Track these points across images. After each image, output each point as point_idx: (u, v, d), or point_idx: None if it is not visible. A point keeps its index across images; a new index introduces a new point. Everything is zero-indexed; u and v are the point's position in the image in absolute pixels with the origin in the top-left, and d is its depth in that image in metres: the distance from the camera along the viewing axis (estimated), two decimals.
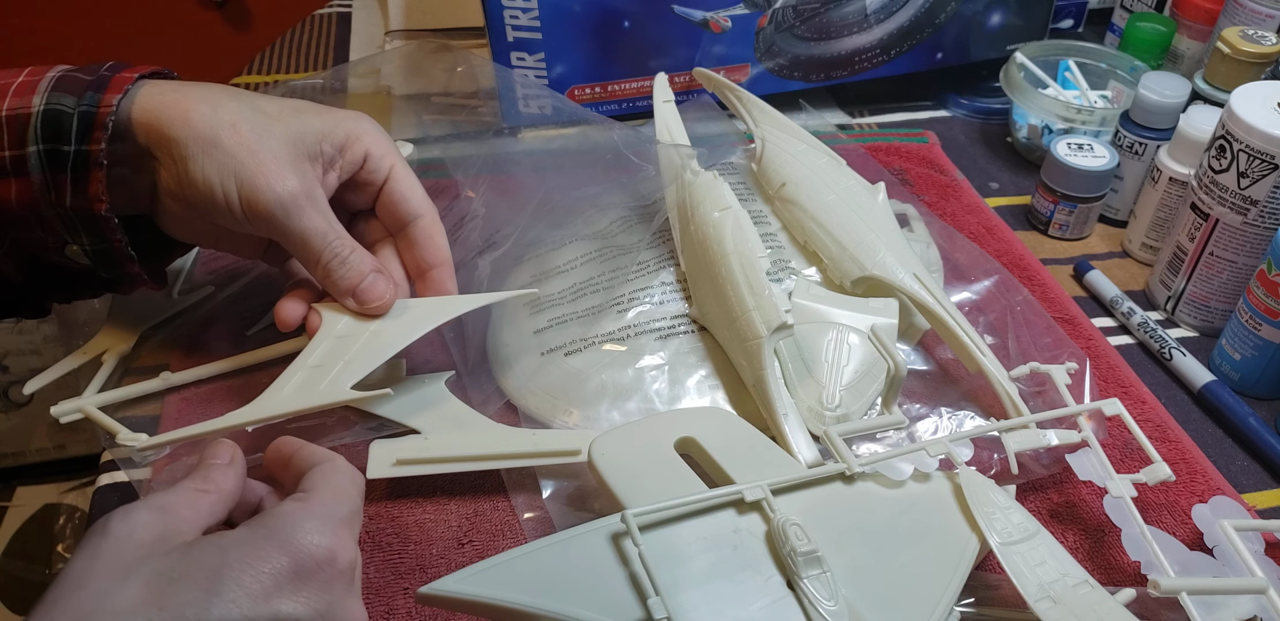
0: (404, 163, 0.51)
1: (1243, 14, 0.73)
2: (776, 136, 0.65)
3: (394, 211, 0.51)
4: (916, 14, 0.77)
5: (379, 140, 0.50)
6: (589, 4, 0.71)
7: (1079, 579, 0.41)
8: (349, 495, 0.38)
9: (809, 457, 0.46)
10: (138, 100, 0.45)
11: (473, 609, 0.36)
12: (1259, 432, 0.54)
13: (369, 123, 0.50)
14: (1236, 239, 0.57)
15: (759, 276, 0.51)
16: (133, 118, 0.44)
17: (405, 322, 0.50)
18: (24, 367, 1.23)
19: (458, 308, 0.51)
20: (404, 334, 0.49)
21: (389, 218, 0.52)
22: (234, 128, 0.45)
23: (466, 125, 0.73)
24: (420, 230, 0.51)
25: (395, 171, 0.51)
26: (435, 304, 0.51)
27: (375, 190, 0.51)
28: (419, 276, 0.52)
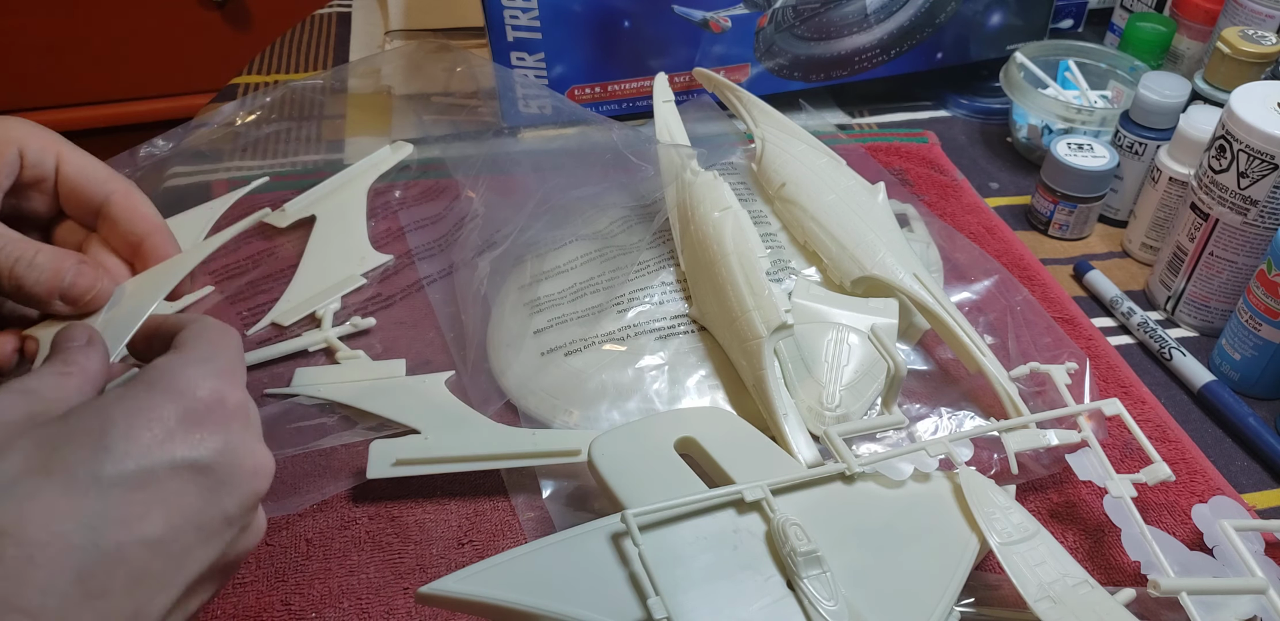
0: (74, 148, 0.44)
1: (1243, 14, 0.73)
2: (776, 136, 0.65)
3: (81, 199, 0.44)
4: (916, 14, 0.77)
5: (33, 134, 0.43)
6: (589, 4, 0.71)
7: (1079, 579, 0.41)
8: (225, 344, 0.36)
9: (809, 457, 0.46)
10: None
11: (473, 609, 0.36)
12: (1259, 432, 0.54)
13: (15, 122, 0.43)
14: (1236, 239, 0.57)
15: (759, 276, 0.51)
16: None
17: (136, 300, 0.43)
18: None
19: (188, 262, 0.45)
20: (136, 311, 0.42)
21: (79, 209, 0.44)
22: None
23: (466, 125, 0.73)
24: (115, 206, 0.43)
25: (63, 157, 0.43)
26: (163, 268, 0.44)
27: (51, 186, 0.43)
28: (135, 254, 0.44)
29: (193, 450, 0.32)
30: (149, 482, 0.30)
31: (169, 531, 0.31)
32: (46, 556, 0.28)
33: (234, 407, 0.34)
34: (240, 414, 0.34)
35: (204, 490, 0.32)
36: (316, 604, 0.45)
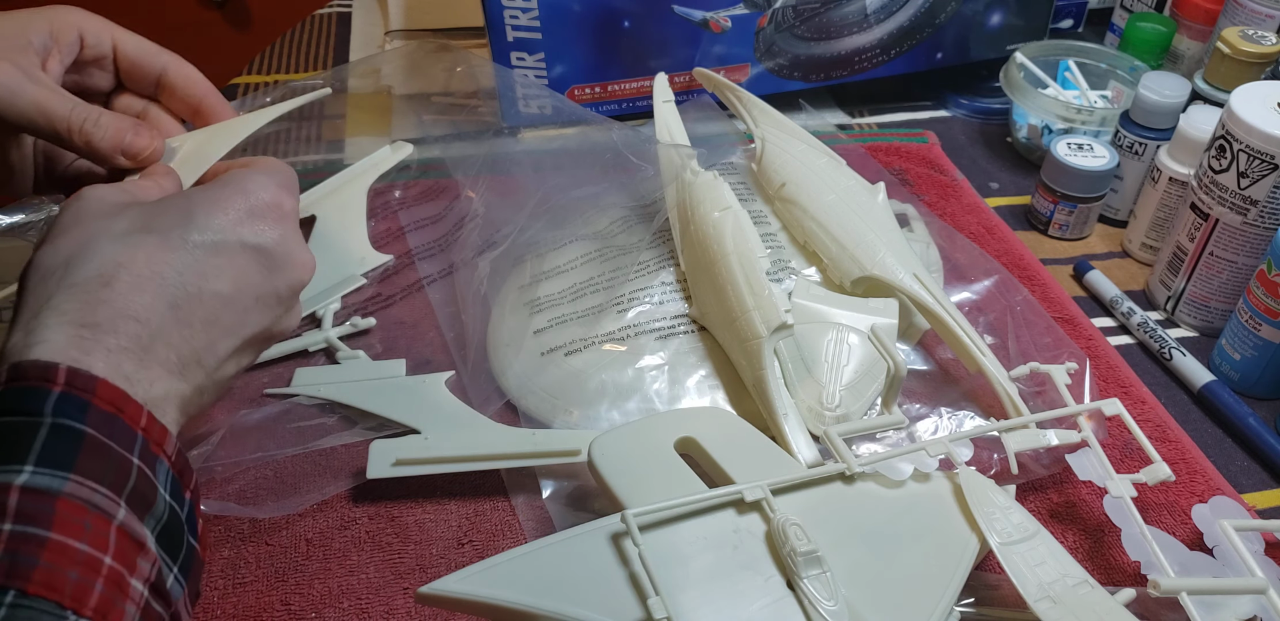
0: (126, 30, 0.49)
1: (1243, 14, 0.73)
2: (776, 136, 0.65)
3: (140, 71, 0.49)
4: (916, 14, 0.77)
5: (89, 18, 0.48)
6: (589, 4, 0.71)
7: (1079, 579, 0.41)
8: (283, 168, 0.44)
9: (809, 457, 0.46)
10: None
11: (473, 609, 0.36)
12: (1259, 432, 0.54)
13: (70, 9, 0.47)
14: (1236, 239, 0.57)
15: (759, 276, 0.51)
16: None
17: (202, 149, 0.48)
18: None
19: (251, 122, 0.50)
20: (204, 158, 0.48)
21: (139, 80, 0.50)
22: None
23: (466, 125, 0.73)
24: (172, 74, 0.49)
25: (119, 36, 0.48)
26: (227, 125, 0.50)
27: (110, 62, 0.49)
28: (195, 114, 0.50)
29: (256, 236, 0.40)
30: (222, 252, 0.39)
31: (235, 292, 0.39)
32: (150, 285, 0.37)
33: (289, 211, 0.42)
34: (293, 218, 0.42)
35: (263, 268, 0.40)
36: (316, 604, 0.45)
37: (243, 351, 0.41)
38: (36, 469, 0.31)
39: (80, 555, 0.30)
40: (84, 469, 0.32)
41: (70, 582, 0.29)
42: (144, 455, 0.34)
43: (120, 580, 0.31)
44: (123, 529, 0.32)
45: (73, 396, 0.33)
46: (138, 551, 0.32)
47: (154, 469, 0.34)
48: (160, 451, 0.35)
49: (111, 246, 0.37)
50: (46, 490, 0.31)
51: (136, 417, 0.34)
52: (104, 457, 0.32)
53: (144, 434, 0.34)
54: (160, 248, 0.38)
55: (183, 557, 0.35)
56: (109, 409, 0.33)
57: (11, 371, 0.33)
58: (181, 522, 0.35)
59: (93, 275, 0.36)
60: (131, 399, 0.34)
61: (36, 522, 0.30)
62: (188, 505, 0.36)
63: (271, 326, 0.42)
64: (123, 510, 0.32)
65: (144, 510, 0.33)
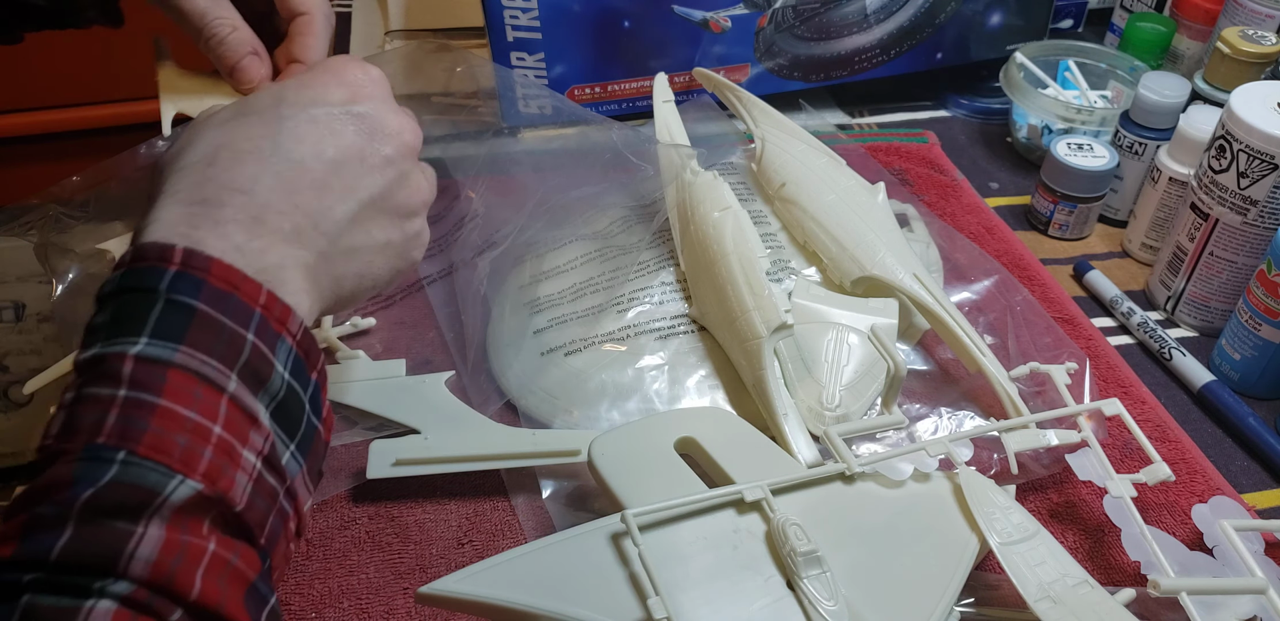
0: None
1: (1243, 14, 0.73)
2: (776, 136, 0.65)
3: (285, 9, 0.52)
4: (916, 14, 0.77)
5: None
6: (589, 4, 0.71)
7: (1079, 579, 0.41)
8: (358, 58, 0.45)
9: (809, 457, 0.46)
10: None
11: (473, 609, 0.36)
12: (1259, 432, 0.54)
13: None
14: (1236, 239, 0.57)
15: (759, 276, 0.51)
16: None
17: None
18: (24, 367, 1.23)
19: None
20: None
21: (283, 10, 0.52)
22: None
23: (466, 125, 0.73)
24: (299, 24, 0.51)
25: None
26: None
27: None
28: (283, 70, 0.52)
29: (348, 104, 0.41)
30: (317, 120, 0.40)
31: (339, 154, 0.40)
32: (251, 158, 0.38)
33: (378, 80, 0.43)
34: (383, 85, 0.43)
35: (361, 132, 0.41)
36: (316, 604, 0.45)
37: (368, 218, 0.41)
38: (150, 340, 0.32)
39: (189, 422, 0.31)
40: (194, 341, 0.33)
41: (179, 447, 0.31)
42: (261, 331, 0.35)
43: (230, 449, 0.32)
44: (233, 401, 0.33)
45: (187, 275, 0.34)
46: (250, 424, 0.33)
47: (273, 346, 0.35)
48: (283, 329, 0.35)
49: (212, 132, 0.39)
50: (158, 359, 0.32)
51: (254, 295, 0.35)
52: (215, 332, 0.33)
53: (263, 310, 0.35)
54: (257, 124, 0.39)
55: (301, 435, 0.36)
56: (223, 286, 0.34)
57: (135, 252, 0.35)
58: (303, 401, 0.36)
59: (198, 158, 0.38)
60: (249, 277, 0.35)
61: (147, 389, 0.31)
62: (312, 385, 0.37)
63: (390, 190, 0.41)
64: (233, 382, 0.33)
65: (257, 385, 0.34)
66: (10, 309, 0.70)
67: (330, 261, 0.39)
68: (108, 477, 0.29)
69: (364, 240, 0.41)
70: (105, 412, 0.31)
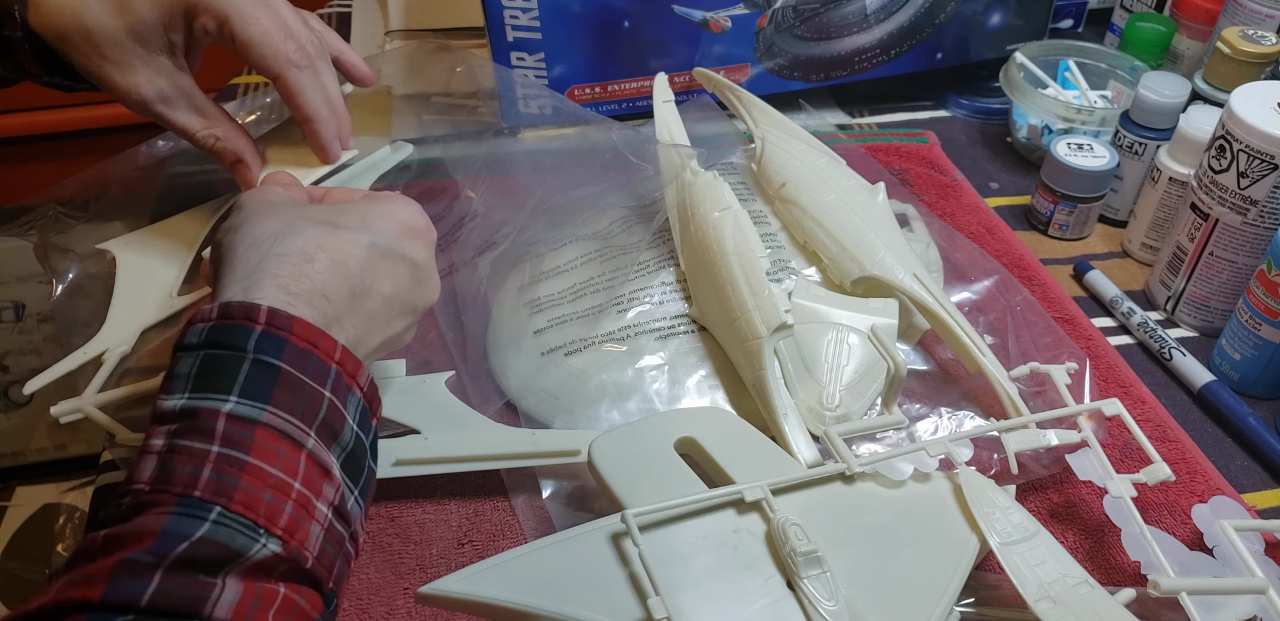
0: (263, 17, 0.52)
1: (1243, 14, 0.73)
2: (776, 136, 0.65)
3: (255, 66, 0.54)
4: (916, 14, 0.77)
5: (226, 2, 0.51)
6: (589, 4, 0.71)
7: (1079, 579, 0.41)
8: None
9: (809, 457, 0.46)
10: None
11: (473, 609, 0.36)
12: (1259, 432, 0.54)
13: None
14: (1236, 239, 0.57)
15: (759, 276, 0.51)
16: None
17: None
18: (24, 367, 1.23)
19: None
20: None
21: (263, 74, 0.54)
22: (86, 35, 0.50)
23: (466, 125, 0.73)
24: (280, 87, 0.54)
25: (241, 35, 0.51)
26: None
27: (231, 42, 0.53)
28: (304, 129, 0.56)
29: (414, 252, 0.44)
30: (389, 257, 0.43)
31: (392, 295, 0.43)
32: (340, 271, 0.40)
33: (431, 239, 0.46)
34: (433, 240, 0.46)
35: (413, 280, 0.44)
36: None
37: (378, 351, 0.44)
38: (240, 399, 0.35)
39: (273, 479, 0.34)
40: (279, 401, 0.35)
41: (264, 503, 0.33)
42: (336, 387, 0.37)
43: (307, 503, 0.34)
44: (311, 456, 0.35)
45: (272, 335, 0.36)
46: (324, 477, 0.36)
47: (345, 400, 0.38)
48: (354, 383, 0.38)
49: (313, 229, 0.41)
50: (248, 418, 0.34)
51: (331, 352, 0.38)
52: (297, 391, 0.36)
53: (338, 367, 0.38)
54: (347, 241, 0.41)
55: (363, 481, 0.38)
56: (304, 345, 0.37)
57: (221, 309, 0.37)
58: (366, 448, 0.39)
59: (297, 250, 0.40)
60: (326, 335, 0.38)
61: (239, 447, 0.34)
62: (372, 432, 0.40)
63: (400, 335, 0.45)
64: (312, 439, 0.36)
65: (331, 439, 0.37)
66: (10, 309, 0.69)
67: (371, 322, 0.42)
68: (200, 533, 0.31)
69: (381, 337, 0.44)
70: (200, 467, 0.33)
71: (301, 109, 0.54)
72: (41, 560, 1.27)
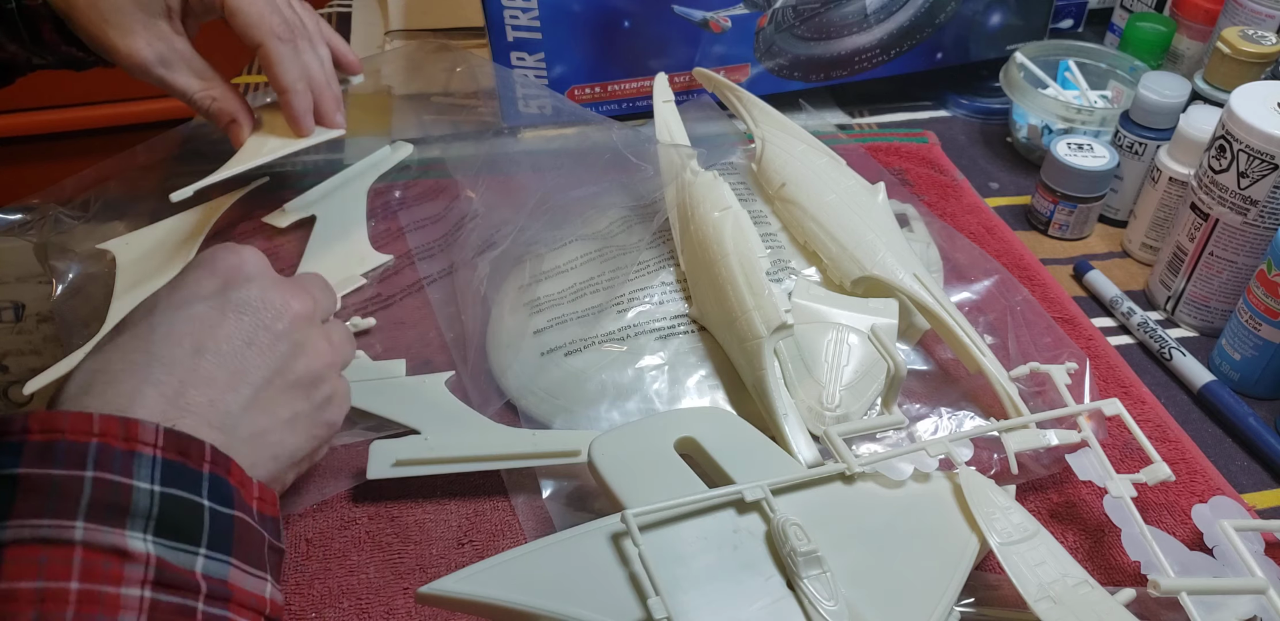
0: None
1: (1243, 14, 0.73)
2: (776, 136, 0.65)
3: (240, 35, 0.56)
4: (916, 14, 0.77)
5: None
6: (589, 4, 0.71)
7: (1079, 579, 0.41)
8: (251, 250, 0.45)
9: (809, 457, 0.46)
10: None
11: (473, 609, 0.36)
12: (1259, 432, 0.54)
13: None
14: (1236, 239, 0.57)
15: (759, 276, 0.51)
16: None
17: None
18: (24, 367, 1.23)
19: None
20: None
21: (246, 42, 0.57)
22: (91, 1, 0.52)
23: (466, 125, 0.73)
24: (261, 57, 0.56)
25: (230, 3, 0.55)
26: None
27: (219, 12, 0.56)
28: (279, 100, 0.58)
29: (222, 293, 0.41)
30: (193, 318, 0.40)
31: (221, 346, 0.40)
32: (125, 376, 0.37)
33: (253, 261, 0.43)
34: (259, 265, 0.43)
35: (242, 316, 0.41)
36: (316, 604, 0.45)
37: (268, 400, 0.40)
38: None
39: (37, 593, 0.30)
40: (21, 511, 0.31)
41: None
42: (102, 461, 0.33)
43: (96, 598, 0.31)
44: (87, 547, 0.32)
45: (4, 444, 0.33)
46: (119, 560, 0.32)
47: (126, 467, 0.34)
48: (135, 444, 0.34)
49: (89, 361, 0.38)
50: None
51: (84, 428, 0.34)
52: (42, 490, 0.32)
53: (100, 439, 0.34)
54: (131, 340, 0.39)
55: (210, 535, 0.35)
56: (44, 438, 0.33)
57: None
58: (198, 503, 0.35)
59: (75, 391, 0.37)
60: (74, 413, 0.34)
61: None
62: (205, 479, 0.36)
63: (284, 367, 0.41)
64: (79, 530, 0.32)
65: (118, 515, 0.33)
66: (10, 309, 0.70)
67: (231, 451, 0.38)
68: None
69: (266, 421, 0.40)
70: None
71: (277, 80, 0.56)
72: None
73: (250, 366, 0.40)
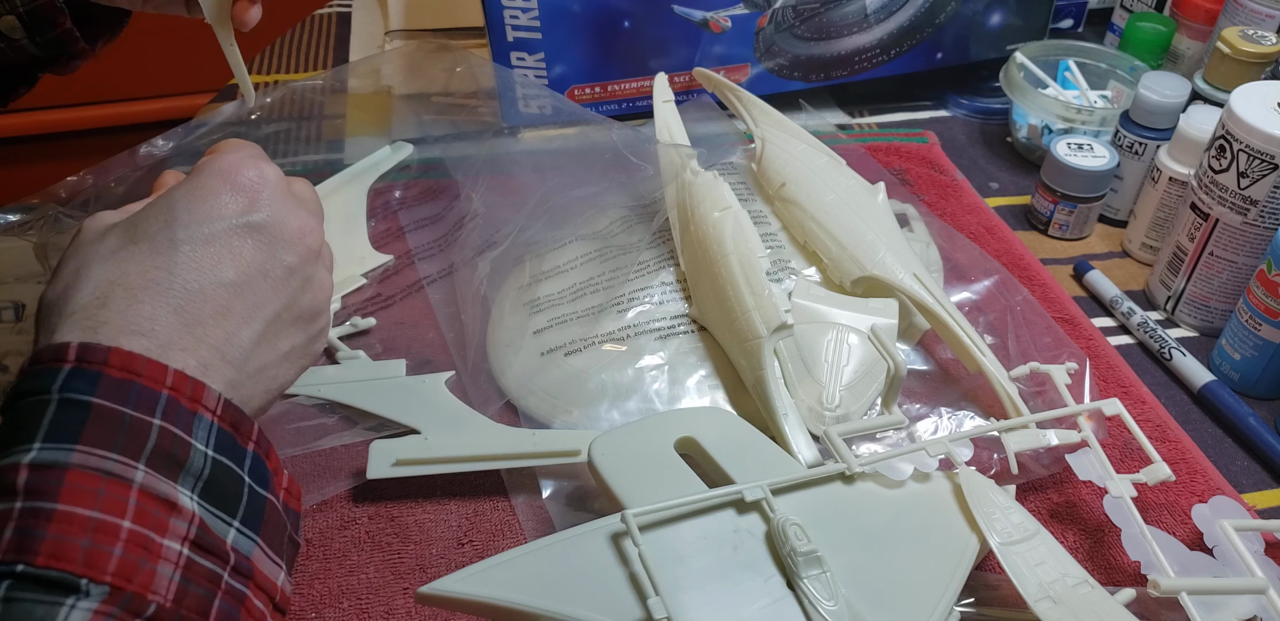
0: None
1: (1243, 14, 0.73)
2: (776, 136, 0.65)
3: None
4: (916, 14, 0.77)
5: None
6: (589, 4, 0.71)
7: (1079, 579, 0.41)
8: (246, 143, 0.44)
9: (809, 457, 0.46)
10: None
11: (473, 609, 0.36)
12: (1259, 432, 0.54)
13: None
14: (1236, 239, 0.57)
15: (759, 276, 0.51)
16: None
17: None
18: None
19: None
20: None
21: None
22: None
23: (466, 125, 0.73)
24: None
25: None
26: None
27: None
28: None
29: (244, 215, 0.39)
30: (214, 240, 0.38)
31: (239, 276, 0.38)
32: (147, 295, 0.36)
33: (271, 181, 0.41)
34: (280, 187, 0.41)
35: (261, 245, 0.39)
36: (316, 604, 0.45)
37: (273, 334, 0.40)
38: (44, 444, 0.31)
39: (91, 522, 0.30)
40: (90, 438, 0.32)
41: (82, 551, 0.29)
42: (170, 413, 0.34)
43: (144, 542, 0.31)
44: (145, 490, 0.32)
45: (83, 370, 0.33)
46: (169, 511, 0.32)
47: (188, 425, 0.34)
48: (198, 406, 0.35)
49: (102, 267, 0.37)
50: (53, 464, 0.31)
51: (159, 377, 0.34)
52: (113, 424, 0.32)
53: (171, 392, 0.34)
54: (149, 253, 0.37)
55: (245, 510, 0.35)
56: (122, 375, 0.33)
57: (31, 359, 0.34)
58: (240, 475, 0.35)
59: (89, 300, 0.36)
60: (152, 361, 0.34)
61: (44, 496, 0.30)
62: (249, 457, 0.36)
63: (293, 301, 0.40)
64: (140, 472, 0.32)
65: (174, 468, 0.33)
66: (10, 309, 0.70)
67: (238, 387, 0.38)
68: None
69: (270, 355, 0.40)
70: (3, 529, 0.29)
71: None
72: None
73: (264, 300, 0.39)
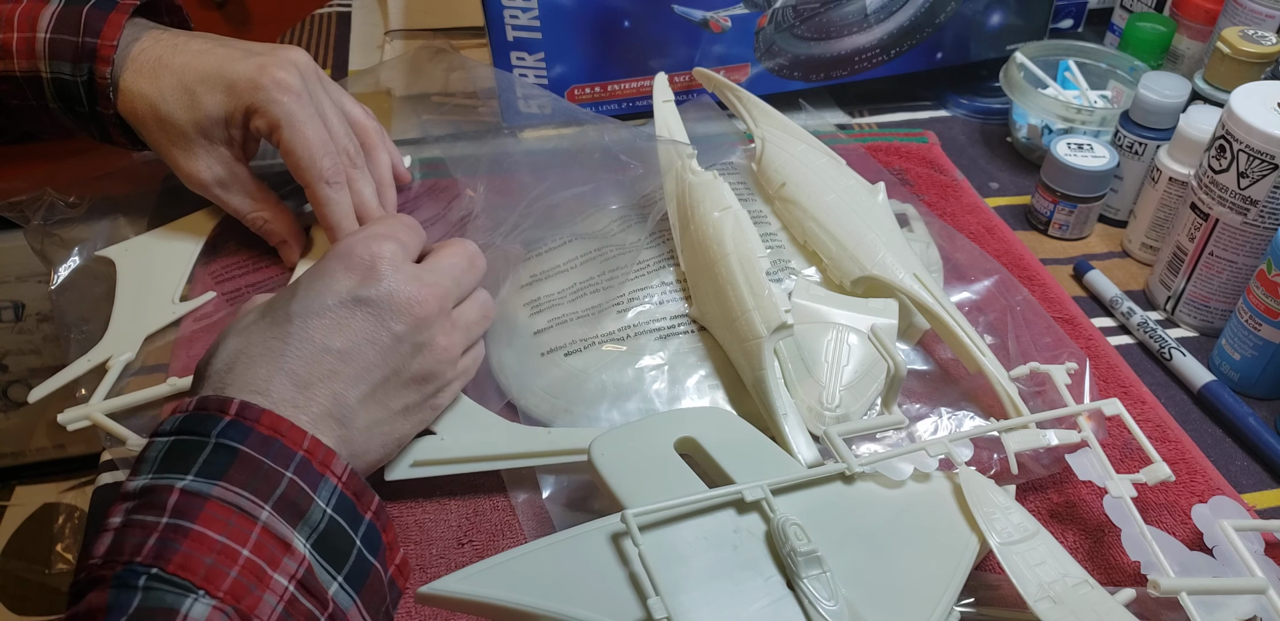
0: (309, 131, 0.56)
1: (1243, 14, 0.73)
2: (776, 136, 0.65)
3: (291, 172, 0.58)
4: (916, 14, 0.77)
5: (276, 106, 0.55)
6: (589, 4, 0.71)
7: (1079, 579, 0.41)
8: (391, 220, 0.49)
9: (809, 457, 0.46)
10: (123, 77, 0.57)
11: (473, 609, 0.36)
12: (1259, 432, 0.54)
13: (270, 80, 0.55)
14: (1236, 239, 0.57)
15: (759, 276, 0.51)
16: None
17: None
18: (23, 367, 1.23)
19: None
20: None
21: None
22: (159, 123, 0.57)
23: (466, 125, 0.73)
24: (310, 198, 0.58)
25: (285, 144, 0.56)
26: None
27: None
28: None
29: (355, 290, 0.44)
30: (325, 312, 0.43)
31: (346, 344, 0.43)
32: (264, 361, 0.42)
33: (389, 258, 0.45)
34: (394, 262, 0.45)
35: (369, 316, 0.43)
36: None
37: (384, 395, 0.44)
38: (195, 478, 0.36)
39: (218, 545, 0.34)
40: (232, 478, 0.36)
41: (205, 566, 0.34)
42: (302, 471, 0.38)
43: (258, 571, 0.35)
44: (266, 528, 0.36)
45: (239, 423, 0.38)
46: (283, 550, 0.36)
47: (314, 483, 0.38)
48: (326, 470, 0.39)
49: (234, 339, 0.43)
50: (199, 492, 0.36)
51: (298, 440, 0.39)
52: (254, 470, 0.37)
53: (305, 453, 0.39)
54: (270, 326, 0.43)
55: (350, 568, 0.38)
56: (268, 432, 0.38)
57: (199, 402, 0.39)
58: (352, 537, 0.38)
59: (220, 366, 0.42)
60: (296, 427, 0.39)
61: (185, 517, 0.35)
62: (364, 523, 0.39)
63: (403, 366, 0.44)
64: (266, 512, 0.36)
65: (295, 516, 0.37)
66: (10, 309, 0.70)
67: (349, 442, 0.42)
68: (135, 604, 0.32)
69: (380, 413, 0.44)
70: (147, 537, 0.34)
71: (324, 219, 0.58)
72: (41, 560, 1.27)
73: (372, 364, 0.43)
